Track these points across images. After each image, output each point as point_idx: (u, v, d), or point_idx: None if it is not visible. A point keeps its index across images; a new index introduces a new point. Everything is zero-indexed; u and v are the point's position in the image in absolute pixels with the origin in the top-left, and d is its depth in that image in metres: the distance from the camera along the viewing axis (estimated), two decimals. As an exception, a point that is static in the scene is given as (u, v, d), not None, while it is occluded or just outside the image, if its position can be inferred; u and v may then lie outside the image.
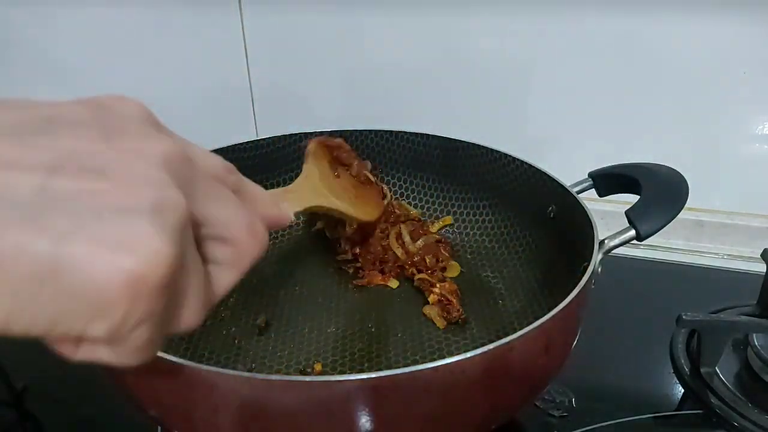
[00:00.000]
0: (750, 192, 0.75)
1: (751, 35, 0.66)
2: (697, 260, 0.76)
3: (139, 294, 0.20)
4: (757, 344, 0.56)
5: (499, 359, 0.38)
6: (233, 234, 0.25)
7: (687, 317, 0.54)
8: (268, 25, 0.82)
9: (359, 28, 0.79)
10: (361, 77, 0.82)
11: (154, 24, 0.86)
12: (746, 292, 0.65)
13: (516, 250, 0.65)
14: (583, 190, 0.58)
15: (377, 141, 0.73)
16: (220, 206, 0.25)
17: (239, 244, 0.26)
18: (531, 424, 0.53)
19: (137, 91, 0.97)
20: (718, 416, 0.53)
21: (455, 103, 0.80)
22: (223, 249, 0.26)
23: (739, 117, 0.71)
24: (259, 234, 0.27)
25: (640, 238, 0.49)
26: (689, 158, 0.73)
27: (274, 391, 0.36)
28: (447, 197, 0.72)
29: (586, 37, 0.71)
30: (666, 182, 0.53)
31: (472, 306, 0.61)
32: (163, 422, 0.47)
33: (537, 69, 0.75)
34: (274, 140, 0.71)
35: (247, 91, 0.87)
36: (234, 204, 0.26)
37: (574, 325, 0.46)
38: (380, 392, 0.36)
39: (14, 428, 0.55)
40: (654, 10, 0.68)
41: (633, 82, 0.72)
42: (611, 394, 0.55)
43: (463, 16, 0.74)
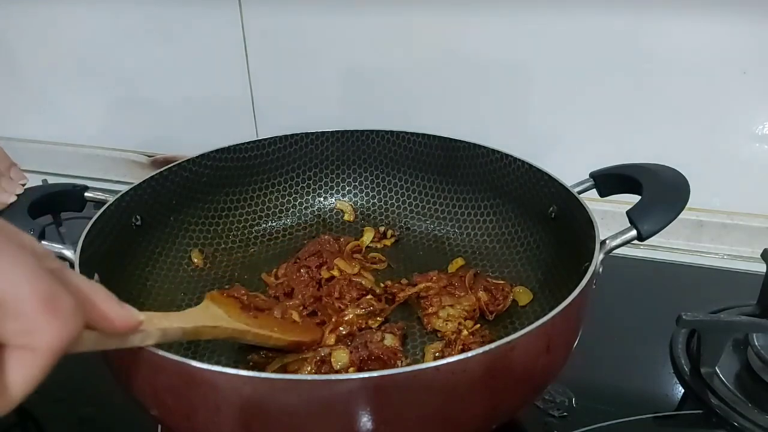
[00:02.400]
0: (750, 192, 0.75)
1: (751, 35, 0.66)
2: (697, 260, 0.76)
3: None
4: (757, 344, 0.56)
5: (500, 359, 0.38)
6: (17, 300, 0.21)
7: (687, 317, 0.54)
8: (268, 25, 0.82)
9: (359, 28, 0.79)
10: (361, 77, 0.82)
11: (154, 24, 0.86)
12: (746, 292, 0.65)
13: (517, 250, 0.65)
14: (585, 190, 0.58)
15: (377, 141, 0.73)
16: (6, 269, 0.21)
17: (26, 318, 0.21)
18: (531, 424, 0.53)
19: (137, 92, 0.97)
20: (718, 416, 0.53)
21: (456, 103, 0.80)
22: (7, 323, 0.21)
23: (739, 117, 0.71)
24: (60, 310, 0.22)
25: (642, 238, 0.49)
26: (689, 158, 0.73)
27: (275, 390, 0.36)
28: (448, 197, 0.72)
29: (587, 37, 0.71)
30: (667, 182, 0.53)
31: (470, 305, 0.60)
32: (163, 421, 0.47)
33: (538, 69, 0.75)
34: (274, 140, 0.71)
35: (247, 91, 0.87)
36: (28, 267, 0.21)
37: (575, 325, 0.46)
38: (381, 391, 0.36)
39: (14, 428, 0.55)
40: (654, 10, 0.68)
41: (633, 82, 0.72)
42: (611, 394, 0.55)
43: (463, 16, 0.74)
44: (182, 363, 0.36)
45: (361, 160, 0.74)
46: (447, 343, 0.55)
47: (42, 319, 0.21)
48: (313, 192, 0.75)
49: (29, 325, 0.21)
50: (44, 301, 0.21)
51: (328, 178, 0.75)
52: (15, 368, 0.21)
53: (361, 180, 0.75)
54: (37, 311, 0.21)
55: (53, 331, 0.21)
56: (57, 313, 0.21)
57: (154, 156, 0.95)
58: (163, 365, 0.37)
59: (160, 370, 0.38)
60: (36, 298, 0.21)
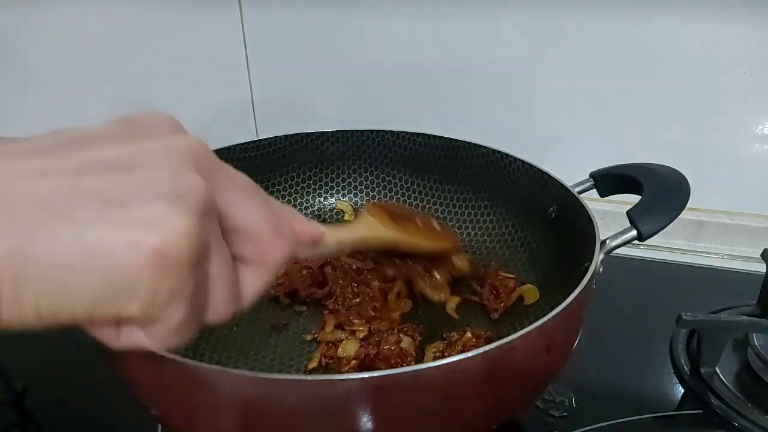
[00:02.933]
0: (750, 192, 0.75)
1: (751, 35, 0.66)
2: (697, 260, 0.76)
3: (164, 270, 0.20)
4: (757, 344, 0.56)
5: (500, 359, 0.38)
6: (255, 229, 0.26)
7: (687, 317, 0.54)
8: (268, 25, 0.82)
9: (359, 28, 0.79)
10: (361, 77, 0.82)
11: (154, 24, 0.86)
12: (746, 292, 0.65)
13: (517, 250, 0.65)
14: (585, 190, 0.58)
15: (377, 141, 0.73)
16: (243, 201, 0.26)
17: (262, 241, 0.26)
18: (531, 424, 0.53)
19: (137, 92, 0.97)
20: (718, 416, 0.53)
21: (456, 103, 0.80)
22: (246, 245, 0.26)
23: (739, 117, 0.71)
24: (284, 234, 0.27)
25: (642, 238, 0.49)
26: (689, 158, 0.73)
27: (275, 390, 0.36)
28: (448, 197, 0.72)
29: (587, 37, 0.71)
30: (667, 182, 0.53)
31: (473, 306, 0.61)
32: (164, 421, 0.47)
33: (538, 69, 0.75)
34: (275, 140, 0.71)
35: (247, 91, 0.87)
36: (258, 201, 0.27)
37: (575, 325, 0.46)
38: (382, 391, 0.36)
39: (14, 428, 0.55)
40: (654, 10, 0.68)
41: (633, 82, 0.72)
42: (611, 394, 0.55)
43: (464, 17, 0.74)
44: (183, 363, 0.36)
45: (361, 160, 0.74)
46: (448, 343, 0.55)
47: (272, 241, 0.27)
48: (313, 192, 0.75)
49: (263, 246, 0.26)
50: (273, 229, 0.27)
51: (328, 178, 0.75)
52: (249, 279, 0.27)
53: (361, 180, 0.75)
54: (268, 236, 0.26)
55: (279, 251, 0.27)
56: (282, 237, 0.27)
57: (154, 156, 0.95)
58: (163, 365, 0.37)
59: (161, 370, 0.38)
60: (268, 227, 0.26)
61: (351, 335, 0.55)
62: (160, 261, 0.20)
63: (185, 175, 0.22)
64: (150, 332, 0.23)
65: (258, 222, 0.26)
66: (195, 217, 0.21)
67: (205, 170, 0.23)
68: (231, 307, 0.26)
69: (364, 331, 0.55)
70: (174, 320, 0.22)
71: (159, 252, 0.20)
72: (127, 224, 0.20)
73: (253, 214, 0.26)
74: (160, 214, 0.21)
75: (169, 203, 0.21)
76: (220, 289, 0.24)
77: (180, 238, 0.21)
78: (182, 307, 0.22)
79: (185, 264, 0.21)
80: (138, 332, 0.23)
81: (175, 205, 0.21)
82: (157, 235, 0.20)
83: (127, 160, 0.22)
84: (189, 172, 0.22)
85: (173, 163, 0.22)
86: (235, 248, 0.26)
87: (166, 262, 0.20)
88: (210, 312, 0.25)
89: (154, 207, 0.21)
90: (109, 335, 0.23)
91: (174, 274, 0.21)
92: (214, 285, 0.24)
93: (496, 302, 0.59)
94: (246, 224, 0.26)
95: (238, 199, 0.25)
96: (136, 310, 0.21)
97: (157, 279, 0.20)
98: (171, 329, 0.22)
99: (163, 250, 0.20)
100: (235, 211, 0.25)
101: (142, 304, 0.21)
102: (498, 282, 0.61)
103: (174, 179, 0.22)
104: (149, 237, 0.20)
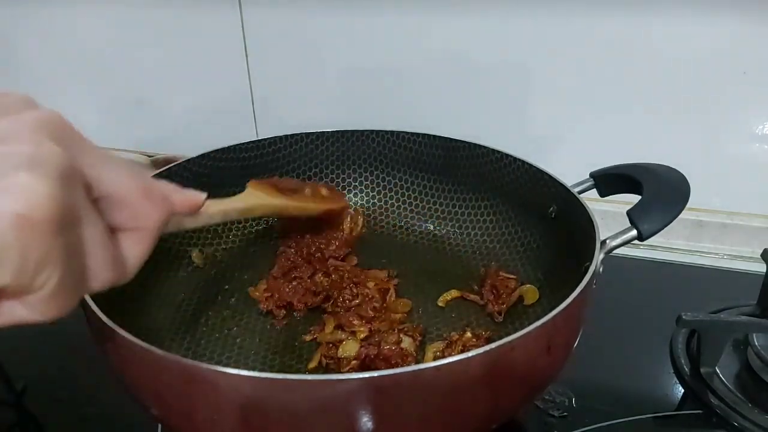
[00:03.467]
0: (750, 192, 0.75)
1: (751, 35, 0.66)
2: (697, 260, 0.76)
3: (29, 234, 0.21)
4: (757, 344, 0.56)
5: (500, 359, 0.38)
6: (123, 194, 0.27)
7: (687, 317, 0.54)
8: (268, 25, 0.82)
9: (359, 28, 0.79)
10: (361, 77, 0.82)
11: (154, 24, 0.86)
12: (746, 292, 0.65)
13: (517, 250, 0.65)
14: (585, 190, 0.58)
15: (377, 141, 0.73)
16: (108, 167, 0.26)
17: (133, 205, 0.27)
18: (531, 424, 0.53)
19: (137, 92, 0.97)
20: (718, 416, 0.53)
21: (456, 103, 0.80)
22: (119, 212, 0.27)
23: (739, 117, 0.71)
24: (155, 197, 0.28)
25: (642, 238, 0.49)
26: (689, 158, 0.73)
27: (275, 389, 0.36)
28: (448, 197, 0.72)
29: (587, 37, 0.71)
30: (667, 182, 0.53)
31: (473, 306, 0.61)
32: (163, 421, 0.47)
33: (538, 69, 0.75)
34: (274, 140, 0.71)
35: (247, 90, 0.87)
36: (125, 167, 0.27)
37: (575, 325, 0.46)
38: (381, 391, 0.36)
39: (14, 428, 0.55)
40: (654, 9, 0.68)
41: (633, 82, 0.72)
42: (611, 394, 0.55)
43: (464, 16, 0.74)
44: (182, 362, 0.36)
45: (361, 160, 0.74)
46: (448, 343, 0.55)
47: (143, 205, 0.27)
48: (313, 192, 0.75)
49: (134, 210, 0.27)
50: (143, 193, 0.27)
51: (328, 178, 0.75)
52: (129, 246, 0.28)
53: (361, 180, 0.75)
54: (139, 200, 0.27)
55: (154, 214, 0.28)
56: (154, 200, 0.28)
57: (154, 156, 0.95)
58: (163, 364, 0.37)
59: (161, 369, 0.38)
60: (137, 191, 0.27)
61: (351, 336, 0.55)
62: (23, 226, 0.21)
63: (42, 145, 0.23)
64: (28, 303, 0.23)
65: (125, 186, 0.27)
66: (55, 182, 0.22)
67: (63, 140, 0.24)
68: (112, 273, 0.26)
69: (365, 332, 0.55)
70: (49, 287, 0.22)
71: (21, 217, 0.20)
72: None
73: (120, 179, 0.26)
74: (20, 183, 0.21)
75: (28, 172, 0.21)
76: (96, 254, 0.25)
77: (42, 202, 0.21)
78: (56, 272, 0.22)
79: (50, 227, 0.21)
80: (17, 306, 0.23)
81: (34, 173, 0.21)
82: (19, 202, 0.21)
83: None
84: (47, 142, 0.23)
85: (28, 135, 0.23)
86: (109, 217, 0.27)
87: (30, 226, 0.21)
88: (91, 279, 0.25)
89: (13, 177, 0.21)
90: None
91: (40, 238, 0.21)
92: (90, 250, 0.25)
93: (496, 303, 0.59)
94: (113, 190, 0.26)
95: (102, 166, 0.26)
96: (7, 277, 0.21)
97: (23, 244, 0.21)
98: (47, 297, 0.23)
99: (26, 216, 0.21)
100: (101, 176, 0.26)
101: (13, 272, 0.21)
102: (498, 282, 0.61)
103: (30, 150, 0.22)
104: (10, 204, 0.21)
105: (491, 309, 0.59)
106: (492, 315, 0.59)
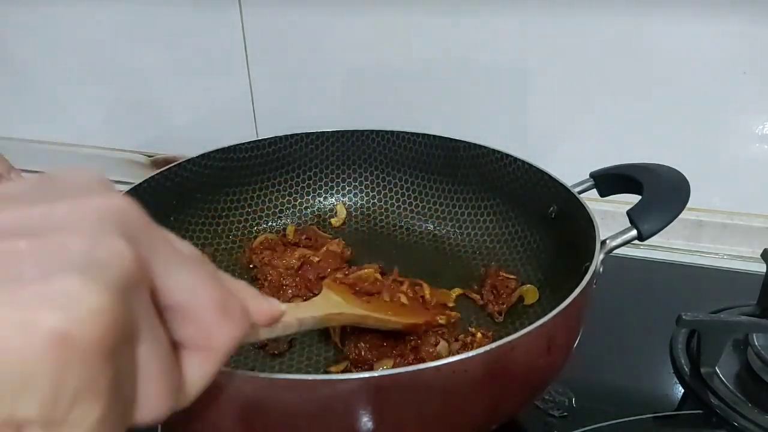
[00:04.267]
0: (750, 192, 0.75)
1: (751, 35, 0.66)
2: (697, 260, 0.76)
3: (68, 358, 0.16)
4: (757, 344, 0.56)
5: (500, 358, 0.38)
6: (197, 307, 0.22)
7: (687, 317, 0.54)
8: (268, 25, 0.82)
9: (359, 28, 0.79)
10: (361, 77, 0.82)
11: (154, 24, 0.86)
12: (746, 292, 0.65)
13: (517, 250, 0.65)
14: (585, 190, 0.58)
15: (377, 141, 0.73)
16: (183, 273, 0.21)
17: (205, 322, 0.22)
18: (531, 424, 0.53)
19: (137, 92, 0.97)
20: (718, 416, 0.53)
21: (456, 103, 0.80)
22: (187, 327, 0.22)
23: (739, 117, 0.71)
24: (233, 313, 0.23)
25: (642, 238, 0.49)
26: (689, 158, 0.73)
27: (276, 389, 0.36)
28: (448, 197, 0.72)
29: (587, 37, 0.71)
30: (667, 182, 0.53)
31: (473, 306, 0.61)
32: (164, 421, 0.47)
33: (538, 69, 0.75)
34: (274, 140, 0.71)
35: (247, 90, 0.87)
36: (202, 274, 0.22)
37: (575, 325, 0.46)
38: (382, 391, 0.36)
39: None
40: (654, 10, 0.68)
41: (633, 82, 0.72)
42: (611, 394, 0.55)
43: (464, 16, 0.74)
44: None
45: (361, 160, 0.74)
46: (462, 344, 0.54)
47: (218, 323, 0.22)
48: (312, 192, 0.75)
49: (207, 329, 0.22)
50: (220, 308, 0.22)
51: (328, 178, 0.75)
52: (193, 367, 0.23)
53: (361, 180, 0.75)
54: (214, 317, 0.22)
55: (228, 333, 0.23)
56: (230, 318, 0.23)
57: (154, 156, 0.95)
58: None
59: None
60: (213, 305, 0.22)
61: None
62: (61, 347, 0.16)
63: (106, 241, 0.18)
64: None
65: (201, 298, 0.22)
66: (115, 292, 0.17)
67: (136, 236, 0.20)
68: (168, 402, 0.21)
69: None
70: (86, 423, 0.17)
71: (59, 335, 0.16)
72: (21, 303, 0.16)
73: (195, 288, 0.22)
74: (68, 290, 0.17)
75: (81, 275, 0.17)
76: (152, 381, 0.20)
77: (91, 318, 0.17)
78: (97, 406, 0.17)
79: (98, 351, 0.17)
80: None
81: (89, 278, 0.17)
82: (59, 315, 0.16)
83: (34, 224, 0.18)
84: (112, 237, 0.18)
85: (92, 227, 0.18)
86: (174, 331, 0.22)
87: (69, 348, 0.16)
88: (141, 408, 0.20)
89: (61, 281, 0.17)
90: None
91: (82, 364, 0.16)
92: (145, 375, 0.20)
93: (496, 303, 0.59)
94: (186, 301, 0.22)
95: (176, 271, 0.21)
96: (34, 410, 0.16)
97: (58, 369, 0.16)
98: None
99: (65, 333, 0.16)
100: (173, 285, 0.21)
101: (41, 404, 0.16)
102: (498, 282, 0.61)
103: (91, 246, 0.18)
104: (47, 316, 0.16)
105: (491, 309, 0.59)
106: (492, 315, 0.59)
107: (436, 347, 0.52)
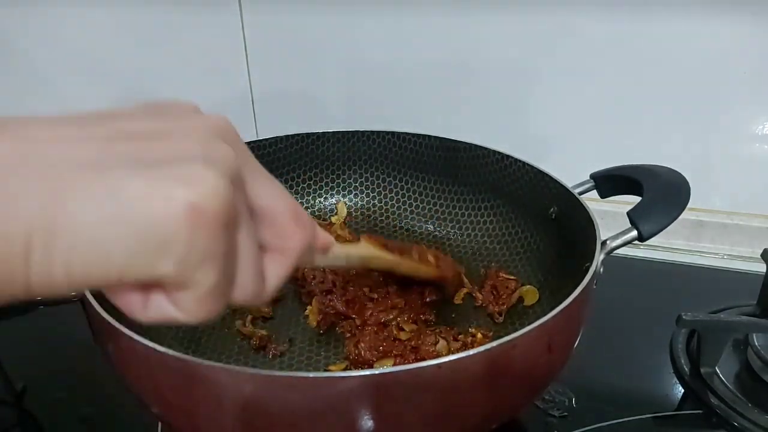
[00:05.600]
0: (750, 192, 0.75)
1: (751, 35, 0.67)
2: (697, 260, 0.76)
3: (198, 225, 0.20)
4: (757, 344, 0.56)
5: (501, 358, 0.38)
6: (277, 212, 0.26)
7: (687, 317, 0.54)
8: (268, 25, 0.82)
9: (359, 28, 0.79)
10: (362, 77, 0.82)
11: (154, 24, 0.86)
12: (746, 292, 0.65)
13: (518, 251, 0.65)
14: (585, 191, 0.58)
15: (377, 141, 0.73)
16: (267, 183, 0.26)
17: (283, 226, 0.26)
18: (531, 424, 0.53)
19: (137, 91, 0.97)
20: (718, 416, 0.53)
21: (456, 104, 0.80)
22: (268, 229, 0.26)
23: (739, 117, 0.71)
24: (304, 222, 0.27)
25: (642, 239, 0.49)
26: (689, 158, 0.73)
27: (276, 387, 0.36)
28: (448, 198, 0.72)
29: (587, 38, 0.71)
30: (667, 183, 0.53)
31: (474, 306, 0.61)
32: (164, 419, 0.47)
33: (538, 69, 0.75)
34: (275, 140, 0.71)
35: (247, 91, 0.87)
36: (281, 188, 0.27)
37: (576, 325, 0.46)
38: (383, 389, 0.36)
39: (14, 428, 0.55)
40: (654, 10, 0.68)
41: (633, 83, 0.72)
42: (611, 394, 0.55)
43: (464, 17, 0.74)
44: (184, 360, 0.36)
45: (361, 160, 0.74)
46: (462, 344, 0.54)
47: (293, 228, 0.27)
48: (313, 192, 0.75)
49: (284, 232, 0.26)
50: (295, 216, 0.27)
51: (329, 179, 0.75)
52: (271, 266, 0.26)
53: (361, 180, 0.75)
54: (291, 222, 0.27)
55: (300, 240, 0.27)
56: (302, 225, 0.27)
57: (154, 156, 0.95)
58: (164, 362, 0.37)
59: (162, 367, 0.38)
60: (289, 213, 0.27)
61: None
62: (194, 216, 0.20)
63: (217, 145, 0.23)
64: (179, 300, 0.22)
65: (280, 206, 0.26)
66: (227, 180, 0.22)
67: (234, 145, 0.24)
68: (255, 288, 0.25)
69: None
70: (205, 285, 0.22)
71: (194, 207, 0.20)
72: (163, 180, 0.20)
73: (276, 197, 0.26)
74: (195, 173, 0.21)
75: (203, 164, 0.21)
76: (246, 264, 0.24)
77: (215, 196, 0.21)
78: (214, 271, 0.22)
79: (219, 222, 0.21)
80: (166, 303, 0.23)
81: (209, 166, 0.21)
82: (193, 191, 0.20)
83: (160, 131, 0.22)
84: (220, 142, 0.23)
85: (203, 135, 0.23)
86: (258, 232, 0.26)
87: (200, 217, 0.20)
88: (237, 288, 0.24)
89: (189, 166, 0.21)
90: (136, 305, 0.23)
91: (207, 231, 0.21)
92: (242, 258, 0.24)
93: (496, 303, 0.59)
94: (267, 204, 0.26)
95: (261, 181, 0.26)
96: (171, 268, 0.20)
97: (191, 234, 0.20)
98: (201, 297, 0.22)
99: (198, 206, 0.20)
100: (260, 191, 0.25)
101: (177, 262, 0.20)
102: (498, 283, 0.61)
103: (205, 147, 0.22)
104: (185, 192, 0.20)
105: (492, 309, 0.59)
106: (492, 315, 0.59)
107: (435, 347, 0.52)
